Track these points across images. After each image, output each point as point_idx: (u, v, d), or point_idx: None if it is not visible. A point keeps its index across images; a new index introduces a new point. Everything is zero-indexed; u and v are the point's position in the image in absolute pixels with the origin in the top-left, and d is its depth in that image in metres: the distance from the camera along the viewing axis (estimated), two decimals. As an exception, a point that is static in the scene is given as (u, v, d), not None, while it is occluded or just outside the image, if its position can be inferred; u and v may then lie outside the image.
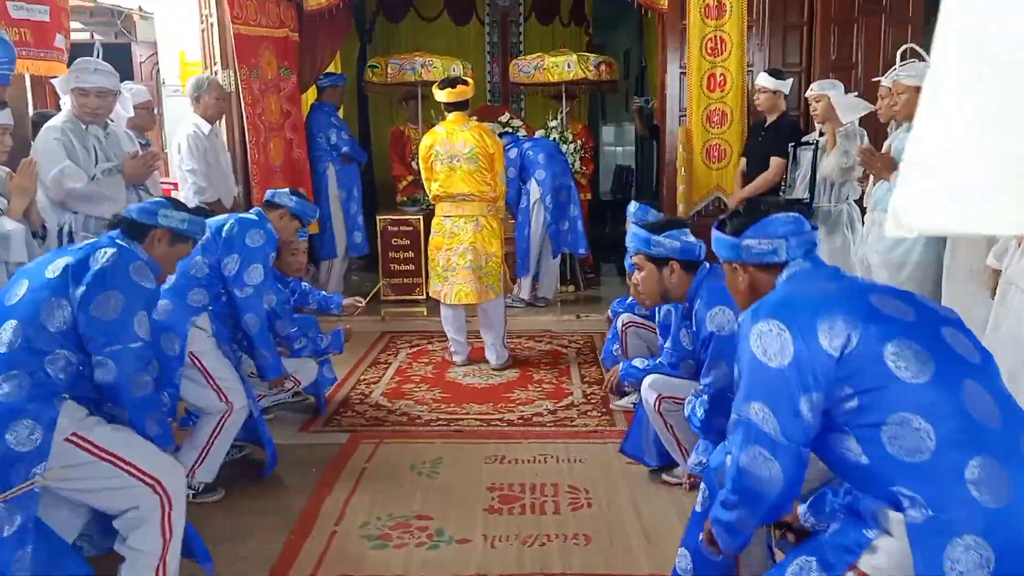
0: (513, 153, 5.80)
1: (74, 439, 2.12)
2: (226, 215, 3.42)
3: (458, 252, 4.60)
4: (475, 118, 4.80)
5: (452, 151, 4.48)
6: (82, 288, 2.13)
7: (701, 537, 1.84)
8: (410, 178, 6.76)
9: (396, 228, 6.07)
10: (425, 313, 5.99)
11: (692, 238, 2.74)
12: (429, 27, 8.54)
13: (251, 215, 3.43)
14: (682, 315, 2.77)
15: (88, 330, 2.14)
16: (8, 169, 2.98)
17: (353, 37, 7.80)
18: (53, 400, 2.10)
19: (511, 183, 5.63)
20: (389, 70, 6.46)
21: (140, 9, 5.71)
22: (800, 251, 1.72)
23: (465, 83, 4.55)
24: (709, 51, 5.39)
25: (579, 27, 8.78)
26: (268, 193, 3.59)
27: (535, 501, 3.11)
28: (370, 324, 5.65)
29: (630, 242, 2.81)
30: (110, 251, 2.21)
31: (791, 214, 1.75)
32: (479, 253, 4.60)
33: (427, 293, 6.07)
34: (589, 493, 3.17)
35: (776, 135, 4.72)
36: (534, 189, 5.85)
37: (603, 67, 6.71)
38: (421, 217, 6.10)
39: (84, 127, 3.31)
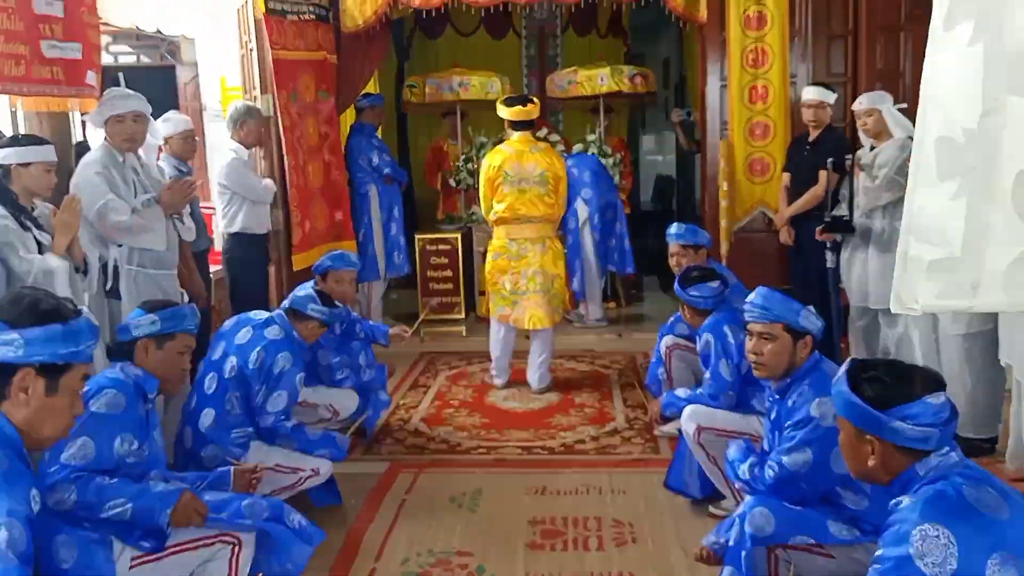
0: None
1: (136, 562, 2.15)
2: (249, 331, 3.16)
3: (527, 275, 4.56)
4: (546, 135, 4.76)
5: (522, 173, 4.45)
6: None
7: None
8: (439, 185, 6.79)
9: (435, 247, 6.06)
10: (464, 333, 5.97)
11: None
12: (466, 42, 8.53)
13: (276, 328, 3.17)
14: (778, 390, 2.41)
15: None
16: (52, 206, 3.02)
17: (391, 55, 7.83)
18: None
19: None
20: (427, 89, 6.46)
21: (183, 36, 5.78)
22: (945, 439, 1.57)
23: (533, 102, 4.53)
24: (750, 63, 5.27)
25: (617, 38, 8.70)
26: (294, 300, 3.28)
27: (578, 536, 3.04)
28: (408, 345, 5.62)
29: (761, 306, 2.38)
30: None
31: (941, 396, 1.56)
32: (547, 276, 4.57)
33: (465, 312, 6.08)
34: (633, 528, 3.08)
35: (824, 148, 4.58)
36: (581, 209, 5.80)
37: (638, 79, 6.61)
38: (459, 235, 6.08)
39: (121, 159, 3.34)
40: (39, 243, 2.95)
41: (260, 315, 3.28)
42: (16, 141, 2.99)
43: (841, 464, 1.75)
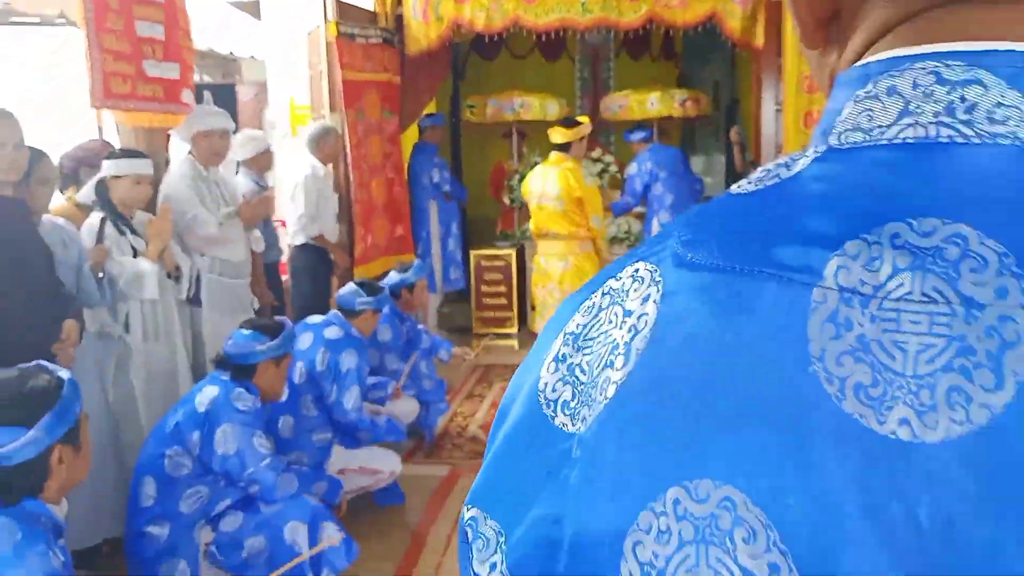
0: (647, 166, 5.96)
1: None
2: (310, 335, 3.34)
3: (549, 290, 4.70)
4: (573, 159, 4.89)
5: (542, 191, 4.60)
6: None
7: None
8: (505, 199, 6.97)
9: (489, 263, 6.22)
10: (517, 347, 6.10)
11: None
12: (521, 64, 8.73)
13: (334, 328, 3.36)
14: None
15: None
16: (149, 214, 3.25)
17: (447, 76, 8.08)
18: None
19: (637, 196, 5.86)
20: (488, 109, 6.66)
21: (252, 58, 6.09)
22: None
23: (570, 124, 4.65)
24: (806, 88, 5.34)
25: (669, 61, 8.82)
26: (341, 299, 3.49)
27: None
28: (464, 366, 5.78)
29: None
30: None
31: None
32: (566, 293, 4.68)
33: (519, 327, 6.22)
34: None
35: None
36: (662, 215, 5.95)
37: (688, 103, 6.72)
38: (513, 252, 6.24)
39: (206, 172, 3.57)
40: (134, 248, 3.18)
41: (316, 319, 3.46)
42: (112, 155, 3.23)
43: None
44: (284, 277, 4.86)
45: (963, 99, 0.34)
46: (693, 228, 0.40)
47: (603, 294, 0.41)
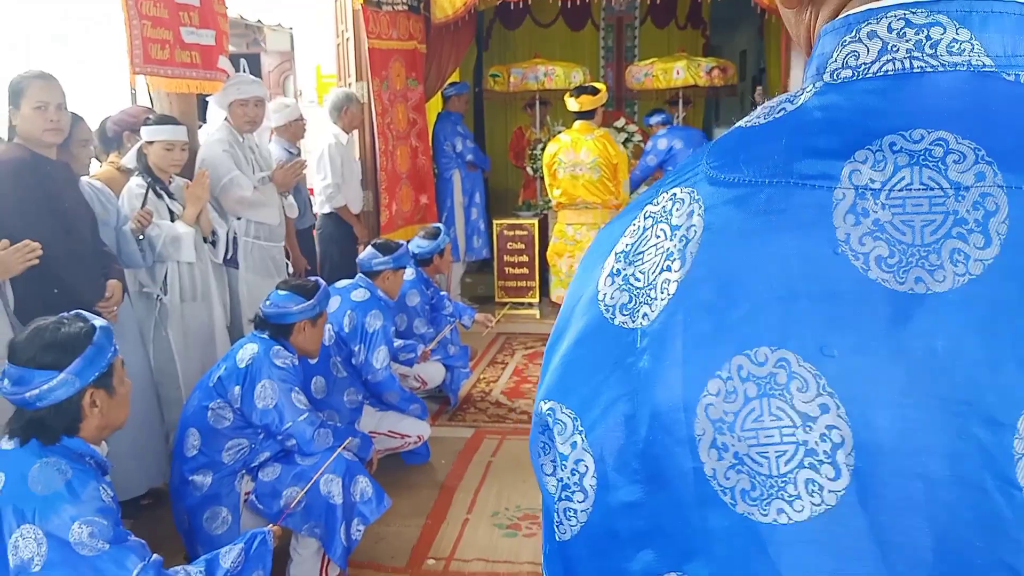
0: (663, 143, 5.94)
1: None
2: (338, 299, 3.39)
3: (579, 259, 4.73)
4: (601, 127, 4.90)
5: (576, 160, 4.61)
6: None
7: None
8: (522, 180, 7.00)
9: (512, 232, 6.26)
10: (538, 316, 6.17)
11: None
12: (545, 33, 8.70)
13: (361, 291, 3.45)
14: None
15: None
16: (185, 180, 3.33)
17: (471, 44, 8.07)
18: None
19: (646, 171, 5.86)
20: (511, 78, 6.65)
21: (279, 25, 6.13)
22: None
23: (593, 92, 4.66)
24: (833, 55, 5.30)
25: (696, 30, 8.75)
26: (361, 263, 3.57)
27: (656, 500, 3.21)
28: (479, 326, 5.86)
29: None
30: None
31: None
32: None
33: (540, 297, 6.28)
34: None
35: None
36: None
37: (715, 72, 6.67)
38: (536, 222, 6.27)
39: (241, 139, 3.64)
40: (172, 212, 3.27)
41: (344, 283, 3.55)
42: (148, 121, 3.31)
43: None
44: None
45: (928, 38, 0.44)
46: (718, 155, 0.49)
47: (644, 217, 0.50)
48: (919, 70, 0.44)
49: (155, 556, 1.67)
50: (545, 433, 0.51)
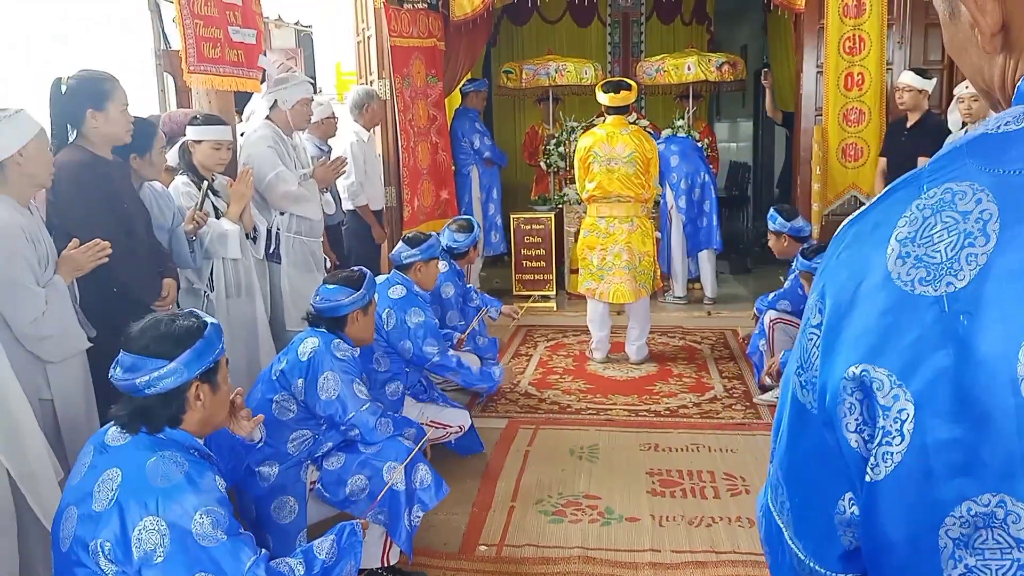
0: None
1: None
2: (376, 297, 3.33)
3: (613, 252, 4.80)
4: (635, 120, 4.95)
5: (611, 154, 4.68)
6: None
7: None
8: (540, 163, 7.05)
9: (528, 226, 6.34)
10: (555, 308, 6.26)
11: None
12: (552, 29, 8.78)
13: (398, 288, 3.50)
14: None
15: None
16: (229, 177, 3.40)
17: (480, 42, 8.13)
18: None
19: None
20: (524, 75, 6.72)
21: (298, 22, 6.18)
22: None
23: (628, 88, 4.73)
24: (847, 50, 5.40)
25: (701, 25, 8.84)
26: (393, 258, 3.63)
27: (694, 486, 3.31)
28: (504, 318, 5.94)
29: None
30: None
31: None
32: (634, 253, 4.80)
33: (556, 290, 6.37)
34: (745, 481, 3.34)
35: (922, 134, 4.71)
36: (668, 194, 6.02)
37: (725, 67, 6.76)
38: (552, 216, 6.36)
39: (285, 136, 3.71)
40: (216, 209, 3.34)
41: (380, 279, 3.58)
42: (194, 120, 3.37)
43: None
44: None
45: None
46: (985, 156, 0.59)
47: (919, 208, 0.61)
48: None
49: (263, 550, 1.74)
50: (854, 394, 0.61)
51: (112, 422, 1.80)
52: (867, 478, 0.60)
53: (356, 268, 2.93)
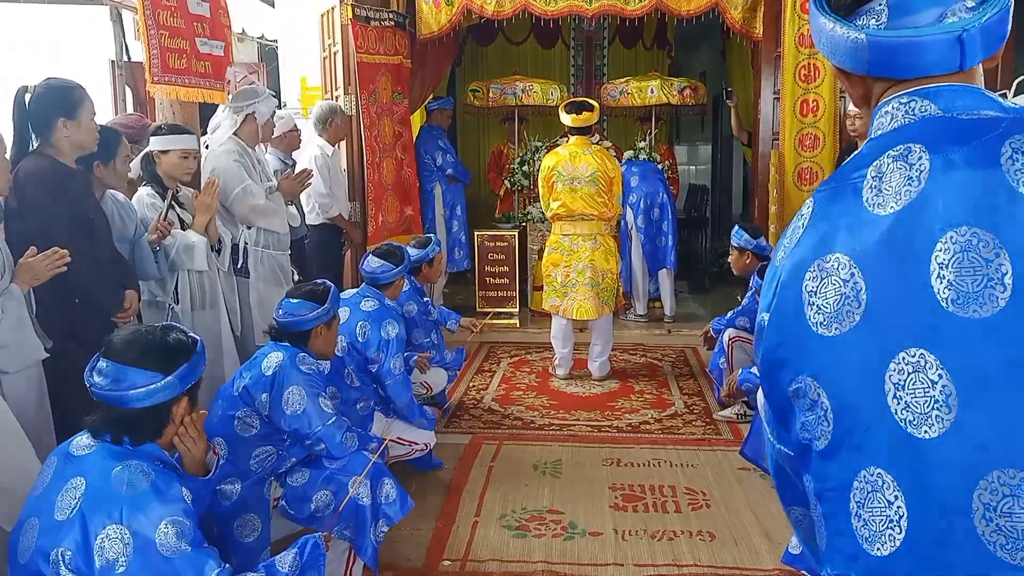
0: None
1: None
2: (347, 309, 3.41)
3: (576, 269, 4.86)
4: (599, 141, 5.03)
5: (574, 173, 4.75)
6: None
7: None
8: (502, 192, 7.11)
9: (493, 243, 6.38)
10: (517, 325, 6.29)
11: None
12: (516, 50, 8.88)
13: (369, 300, 3.48)
14: None
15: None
16: (194, 189, 3.37)
17: (444, 60, 8.18)
18: None
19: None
20: (491, 94, 6.79)
21: (263, 37, 6.16)
22: None
23: (591, 109, 4.81)
24: (803, 78, 5.57)
25: (662, 50, 9.02)
26: (369, 273, 3.57)
27: (656, 500, 3.35)
28: (467, 334, 5.95)
29: None
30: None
31: None
32: (597, 270, 4.86)
33: (520, 306, 6.41)
34: (707, 495, 3.39)
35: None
36: (628, 214, 6.12)
37: (686, 91, 6.92)
38: (516, 233, 6.40)
39: (250, 150, 3.69)
40: (181, 220, 3.30)
41: (349, 293, 3.59)
42: (158, 130, 3.34)
43: None
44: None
45: (922, 107, 0.89)
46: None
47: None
48: (920, 117, 0.89)
49: (226, 564, 1.72)
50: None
51: (85, 432, 1.77)
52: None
53: (320, 281, 2.90)
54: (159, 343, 1.79)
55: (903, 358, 0.81)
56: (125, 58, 4.94)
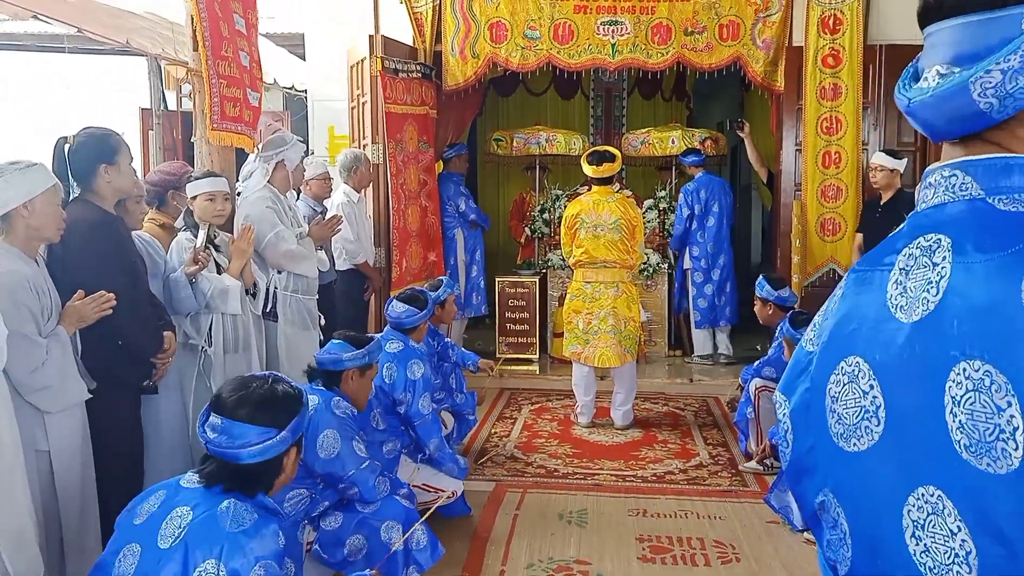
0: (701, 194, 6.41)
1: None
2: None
3: (599, 316, 4.88)
4: (621, 190, 5.10)
5: (597, 220, 4.81)
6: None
7: None
8: (523, 239, 7.19)
9: (513, 290, 6.41)
10: (537, 371, 6.29)
11: None
12: (537, 101, 9.04)
13: (395, 342, 3.53)
14: None
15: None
16: (230, 234, 3.43)
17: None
18: None
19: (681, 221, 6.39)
20: (514, 143, 6.90)
21: (293, 87, 6.31)
22: None
23: (612, 159, 4.88)
24: (824, 130, 5.65)
25: (680, 102, 9.16)
26: (395, 318, 3.64)
27: (684, 553, 3.31)
28: (488, 380, 5.95)
29: None
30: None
31: None
32: (619, 318, 4.87)
33: (540, 353, 6.41)
34: (736, 549, 3.34)
35: (896, 211, 4.91)
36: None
37: (707, 142, 7.01)
38: (536, 280, 6.45)
39: (280, 197, 3.77)
40: (218, 265, 3.36)
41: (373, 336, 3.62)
42: (190, 178, 3.42)
43: None
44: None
45: (963, 184, 0.79)
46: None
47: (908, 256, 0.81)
48: (961, 198, 0.79)
49: None
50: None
51: (196, 472, 1.80)
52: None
53: (370, 335, 2.98)
54: (269, 397, 1.83)
55: (922, 494, 0.75)
56: (162, 107, 5.07)
